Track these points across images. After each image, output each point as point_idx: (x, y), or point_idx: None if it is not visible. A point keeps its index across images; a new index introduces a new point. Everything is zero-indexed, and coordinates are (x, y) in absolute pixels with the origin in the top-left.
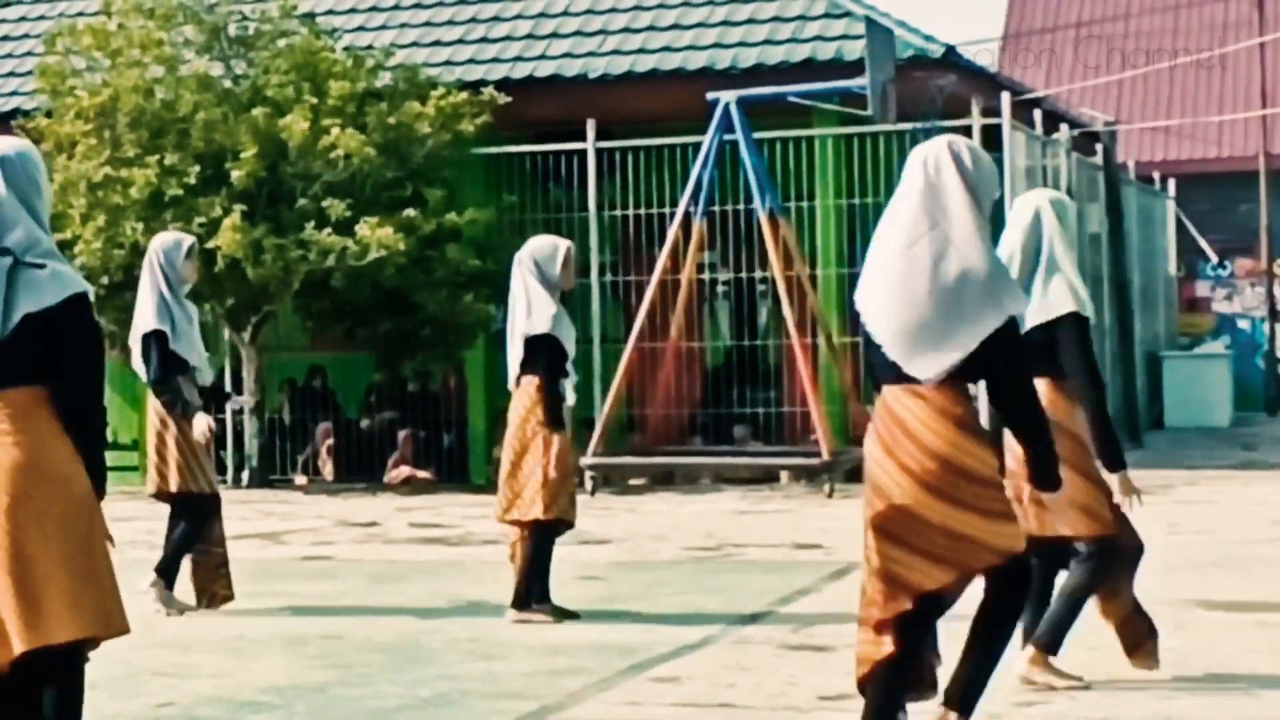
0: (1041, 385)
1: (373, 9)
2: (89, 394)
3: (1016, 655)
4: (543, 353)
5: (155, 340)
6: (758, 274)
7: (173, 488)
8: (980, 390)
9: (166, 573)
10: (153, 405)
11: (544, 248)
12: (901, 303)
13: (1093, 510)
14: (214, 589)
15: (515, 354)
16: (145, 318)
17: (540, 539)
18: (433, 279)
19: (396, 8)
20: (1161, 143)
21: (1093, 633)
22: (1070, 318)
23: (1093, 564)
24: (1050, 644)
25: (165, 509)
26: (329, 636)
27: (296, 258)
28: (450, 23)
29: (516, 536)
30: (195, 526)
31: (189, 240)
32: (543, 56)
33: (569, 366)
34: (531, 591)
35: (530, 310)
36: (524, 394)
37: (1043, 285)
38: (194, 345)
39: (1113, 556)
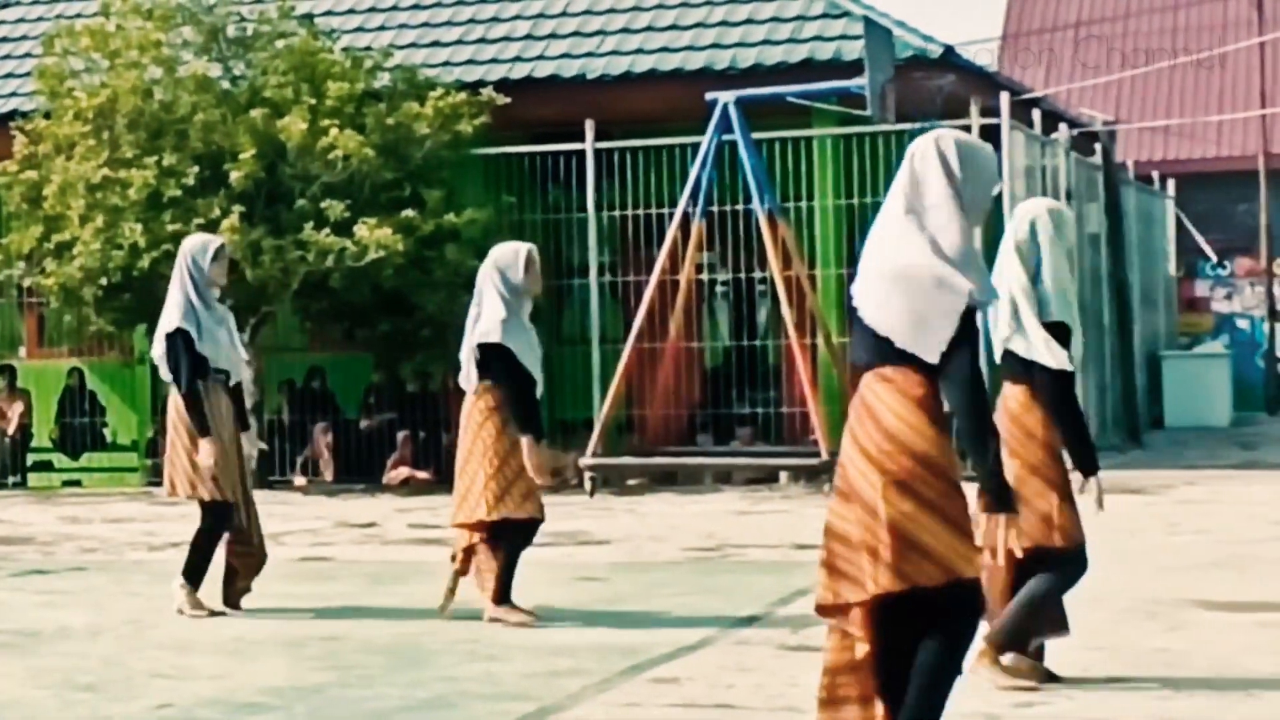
0: (1016, 391)
1: (371, 10)
2: None
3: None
4: (494, 360)
5: (180, 340)
6: (756, 274)
7: (182, 493)
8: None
9: (191, 576)
10: (174, 404)
11: (506, 253)
12: (892, 289)
13: (1055, 521)
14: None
15: (467, 359)
16: (170, 318)
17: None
18: (431, 280)
19: (395, 8)
20: (1161, 142)
21: (1094, 633)
22: (1046, 373)
23: (1060, 572)
24: (1002, 644)
25: (161, 510)
26: (328, 638)
27: (295, 259)
28: (449, 23)
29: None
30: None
31: (216, 242)
32: (541, 57)
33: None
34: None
35: (480, 318)
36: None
37: (1030, 314)
38: (220, 348)
39: (1081, 566)
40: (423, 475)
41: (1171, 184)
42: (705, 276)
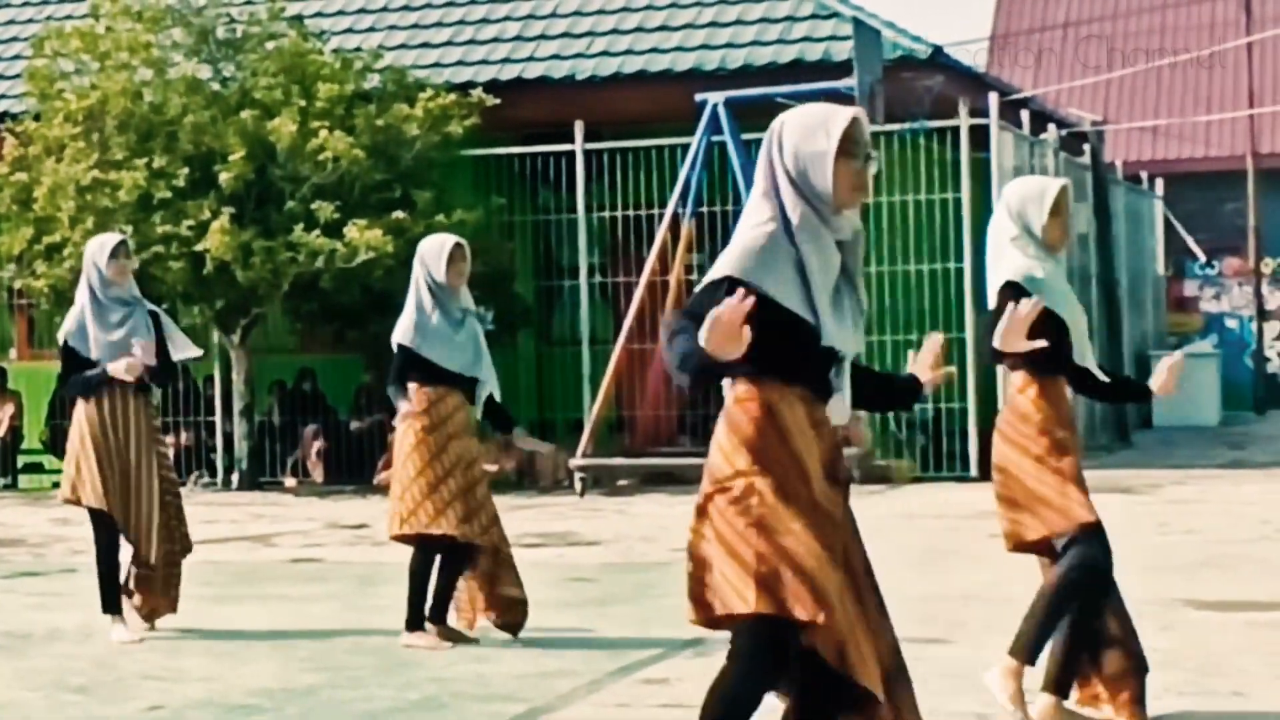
0: (1016, 378)
1: (361, 11)
2: None
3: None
4: (406, 362)
5: (63, 350)
6: None
7: (68, 494)
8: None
9: (107, 604)
10: (77, 411)
11: (431, 246)
12: None
13: (1056, 505)
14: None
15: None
16: (65, 325)
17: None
18: None
19: (385, 10)
20: (1149, 142)
21: None
22: (1007, 288)
23: (1069, 561)
24: (1027, 654)
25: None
26: (319, 639)
27: (285, 260)
28: (438, 25)
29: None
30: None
31: (115, 240)
32: (530, 58)
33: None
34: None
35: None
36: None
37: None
38: (118, 351)
39: (1095, 551)
40: None
41: (1160, 184)
42: (695, 277)
